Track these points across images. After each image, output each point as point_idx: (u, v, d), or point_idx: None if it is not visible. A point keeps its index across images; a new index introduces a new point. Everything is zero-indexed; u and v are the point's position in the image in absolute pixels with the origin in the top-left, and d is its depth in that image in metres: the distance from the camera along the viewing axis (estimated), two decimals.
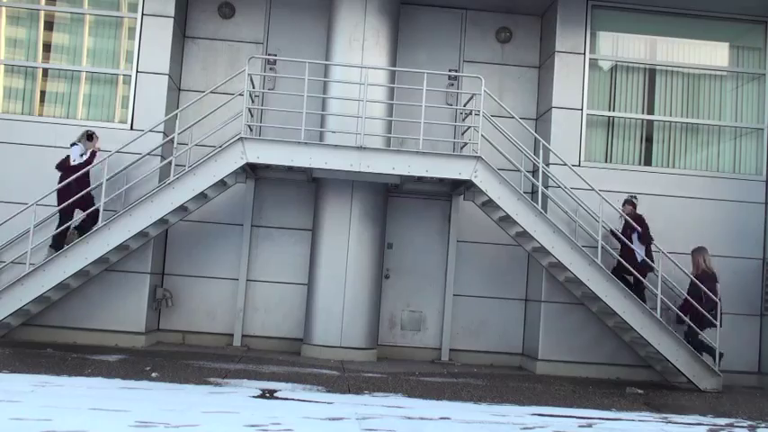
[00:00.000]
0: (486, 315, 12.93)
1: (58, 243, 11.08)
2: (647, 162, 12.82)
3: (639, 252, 11.51)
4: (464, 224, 12.92)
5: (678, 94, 12.98)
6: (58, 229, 11.11)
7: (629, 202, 11.83)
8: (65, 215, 11.15)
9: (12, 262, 11.18)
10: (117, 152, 11.27)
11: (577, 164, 12.31)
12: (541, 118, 12.98)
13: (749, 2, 12.52)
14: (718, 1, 12.54)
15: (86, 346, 11.19)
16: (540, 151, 11.82)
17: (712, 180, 12.63)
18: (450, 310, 12.81)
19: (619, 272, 11.46)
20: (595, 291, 11.07)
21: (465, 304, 12.91)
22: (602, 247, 11.38)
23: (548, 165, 12.10)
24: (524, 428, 7.53)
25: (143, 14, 12.09)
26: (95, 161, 11.21)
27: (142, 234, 11.10)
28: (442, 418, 7.76)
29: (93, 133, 11.42)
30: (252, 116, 11.99)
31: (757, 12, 12.76)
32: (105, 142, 11.64)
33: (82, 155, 11.24)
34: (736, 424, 8.66)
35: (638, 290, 11.41)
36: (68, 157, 11.25)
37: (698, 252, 11.70)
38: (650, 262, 11.56)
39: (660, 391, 10.85)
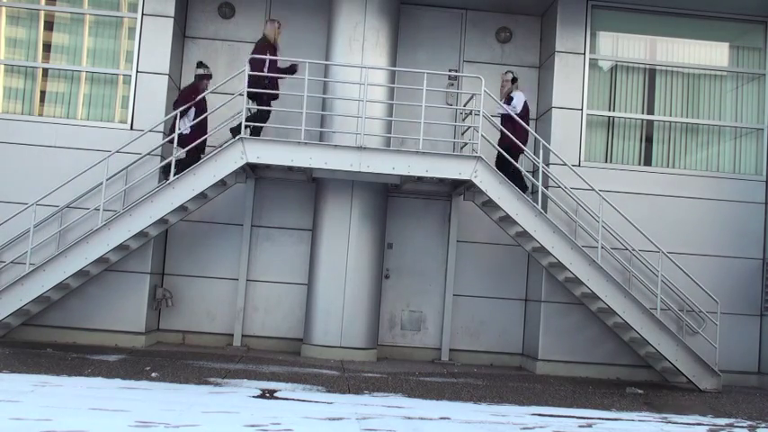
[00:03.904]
0: (485, 315, 12.93)
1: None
2: (647, 162, 12.82)
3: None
4: (464, 224, 12.92)
5: (678, 95, 12.98)
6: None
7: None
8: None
9: (12, 262, 11.20)
10: (117, 152, 11.30)
11: (577, 164, 12.31)
12: (541, 118, 12.97)
13: (749, 2, 12.52)
14: (718, 1, 12.54)
15: (86, 346, 11.20)
16: (540, 151, 11.82)
17: (712, 180, 12.62)
18: (450, 310, 12.80)
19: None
20: (595, 291, 11.07)
21: (465, 304, 12.91)
22: (602, 247, 11.39)
23: (548, 165, 12.10)
24: (524, 428, 7.53)
25: (143, 14, 12.09)
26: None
27: (142, 234, 11.10)
28: (442, 418, 7.77)
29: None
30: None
31: (757, 12, 12.75)
32: (105, 142, 11.67)
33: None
34: (736, 424, 8.66)
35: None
36: None
37: None
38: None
39: (660, 391, 10.84)
